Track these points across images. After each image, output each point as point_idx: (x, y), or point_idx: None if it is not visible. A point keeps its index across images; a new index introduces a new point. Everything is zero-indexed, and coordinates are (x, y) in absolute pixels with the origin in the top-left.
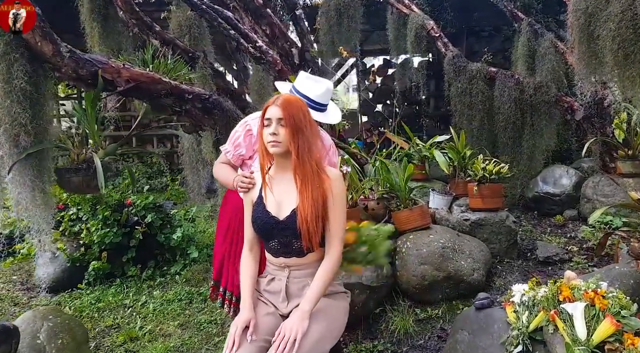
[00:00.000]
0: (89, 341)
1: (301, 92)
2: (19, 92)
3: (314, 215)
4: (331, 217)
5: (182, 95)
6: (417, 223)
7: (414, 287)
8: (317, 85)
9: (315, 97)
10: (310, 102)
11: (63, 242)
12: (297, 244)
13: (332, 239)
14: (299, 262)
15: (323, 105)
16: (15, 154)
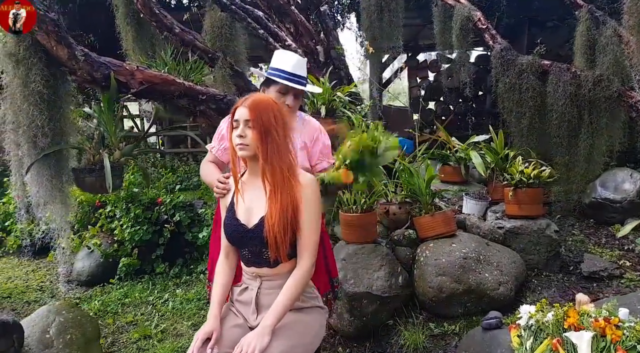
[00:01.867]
0: (106, 337)
1: (275, 66)
2: (36, 95)
3: (281, 224)
4: (302, 226)
5: (195, 96)
6: (439, 230)
7: (430, 299)
8: (287, 57)
9: (291, 68)
10: (287, 74)
11: (99, 238)
12: (267, 254)
13: (303, 250)
14: (270, 272)
15: (301, 76)
16: (34, 155)
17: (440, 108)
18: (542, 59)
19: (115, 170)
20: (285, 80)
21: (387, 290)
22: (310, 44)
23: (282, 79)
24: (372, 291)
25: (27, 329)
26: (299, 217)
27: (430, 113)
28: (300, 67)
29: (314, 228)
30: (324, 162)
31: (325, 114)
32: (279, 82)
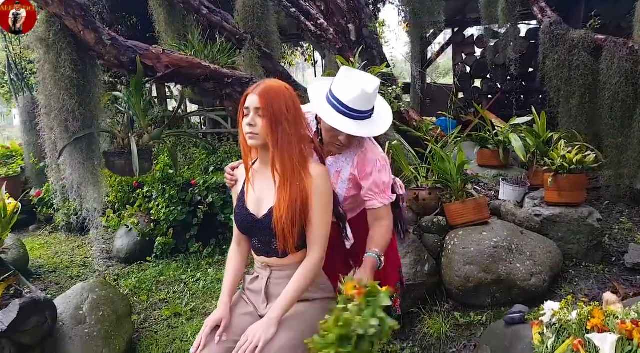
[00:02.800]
0: (139, 313)
1: (334, 94)
2: (66, 79)
3: (289, 216)
4: (312, 218)
5: (221, 79)
6: (470, 217)
7: (457, 288)
8: (351, 85)
9: (348, 101)
10: (343, 107)
11: (137, 218)
12: (276, 244)
13: (312, 242)
14: (280, 262)
15: (359, 112)
16: (66, 138)
17: (487, 86)
18: (595, 34)
19: (143, 153)
20: (341, 115)
21: (412, 278)
22: (342, 22)
23: (336, 111)
24: None
25: (62, 305)
26: (308, 209)
27: (477, 91)
28: (366, 101)
29: (324, 220)
30: (375, 201)
31: None
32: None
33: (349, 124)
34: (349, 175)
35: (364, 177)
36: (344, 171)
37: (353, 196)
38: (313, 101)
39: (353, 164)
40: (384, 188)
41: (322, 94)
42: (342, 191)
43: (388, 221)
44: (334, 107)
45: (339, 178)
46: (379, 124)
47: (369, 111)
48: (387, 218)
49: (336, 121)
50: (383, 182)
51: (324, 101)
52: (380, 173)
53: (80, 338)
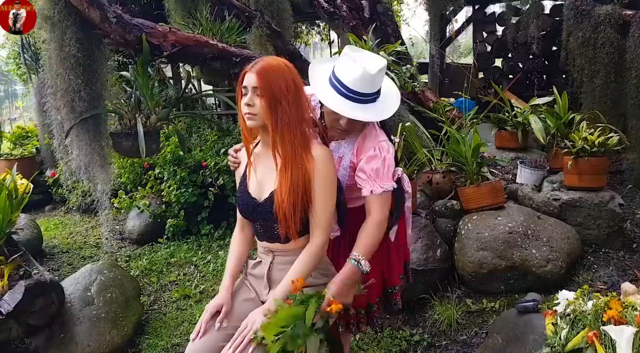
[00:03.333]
0: (149, 295)
1: (336, 74)
2: (71, 58)
3: (291, 200)
4: (314, 202)
5: (229, 58)
6: (484, 202)
7: (469, 274)
8: (353, 66)
9: (349, 82)
10: (344, 89)
11: (148, 199)
12: (279, 229)
13: (314, 227)
14: (282, 247)
15: (361, 95)
16: (72, 119)
17: (507, 65)
18: (623, 9)
19: (150, 134)
20: (342, 97)
21: (423, 263)
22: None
23: (338, 93)
24: None
25: (71, 286)
26: (311, 193)
27: (497, 70)
28: (369, 83)
29: (327, 204)
30: (364, 189)
31: None
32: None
33: (349, 107)
34: (349, 162)
35: (358, 163)
36: (345, 158)
37: (354, 185)
38: (312, 82)
39: (354, 151)
40: (374, 176)
41: (323, 75)
42: (344, 179)
43: (378, 216)
44: (335, 89)
45: (340, 164)
46: (384, 108)
47: (373, 94)
48: (378, 212)
49: (335, 104)
50: (372, 168)
51: (325, 82)
52: (372, 159)
53: (88, 320)
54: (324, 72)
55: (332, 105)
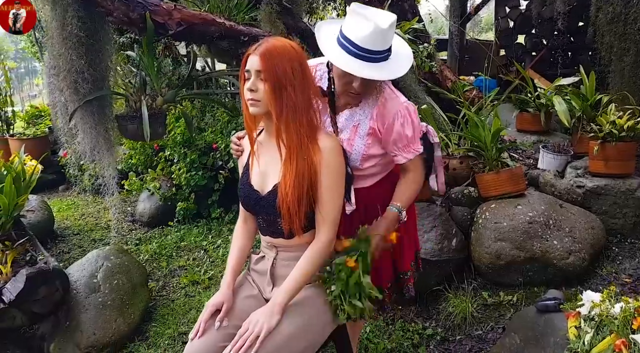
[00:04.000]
0: (158, 280)
1: (344, 33)
2: (74, 38)
3: (295, 194)
4: (321, 196)
5: (237, 38)
6: (504, 189)
7: (486, 265)
8: (362, 22)
9: (360, 40)
10: (354, 47)
11: (159, 181)
12: (282, 224)
13: (320, 223)
14: (286, 243)
15: (373, 53)
16: (76, 101)
17: (531, 42)
18: None
19: (156, 117)
20: (352, 56)
21: (438, 253)
22: None
23: (347, 53)
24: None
25: (77, 273)
26: (316, 186)
27: (520, 47)
28: (380, 39)
29: (335, 199)
30: (399, 157)
31: None
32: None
33: (361, 66)
34: (367, 129)
35: (385, 131)
36: (362, 125)
37: (374, 156)
38: (320, 44)
39: (372, 116)
40: (408, 142)
41: (331, 36)
42: (361, 148)
43: (415, 174)
44: (344, 49)
45: (356, 133)
46: (397, 66)
47: (385, 51)
48: (415, 170)
49: (347, 64)
50: (406, 136)
51: (333, 43)
52: (403, 126)
53: (94, 307)
54: (332, 33)
55: (343, 66)
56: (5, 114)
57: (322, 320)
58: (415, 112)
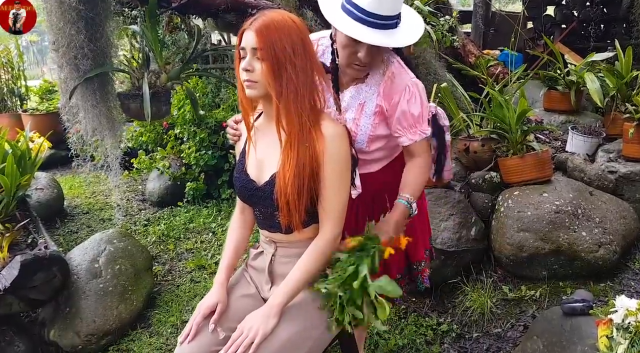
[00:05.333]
0: (165, 263)
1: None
2: (72, 11)
3: (295, 185)
4: (324, 189)
5: (244, 10)
6: (528, 175)
7: (507, 257)
8: None
9: (366, 4)
10: (360, 12)
11: (169, 160)
12: (280, 218)
13: (324, 217)
14: (285, 238)
15: (381, 18)
16: (76, 78)
17: (561, 14)
18: None
19: (159, 95)
20: (358, 22)
21: (455, 243)
22: None
23: (353, 19)
24: (435, 245)
25: (79, 257)
26: (319, 177)
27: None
28: (389, 3)
29: (340, 192)
30: (404, 138)
31: None
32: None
33: (368, 32)
34: (374, 107)
35: (390, 108)
36: (369, 103)
37: (381, 137)
38: (323, 9)
39: (379, 93)
40: (414, 122)
41: (335, 2)
42: (367, 128)
43: (422, 158)
44: (350, 14)
45: (362, 112)
46: (407, 34)
47: (394, 18)
48: (422, 155)
49: (352, 29)
50: (412, 115)
51: (337, 9)
52: (410, 103)
53: (94, 294)
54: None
55: (348, 31)
56: (19, 89)
57: (324, 324)
58: (423, 90)
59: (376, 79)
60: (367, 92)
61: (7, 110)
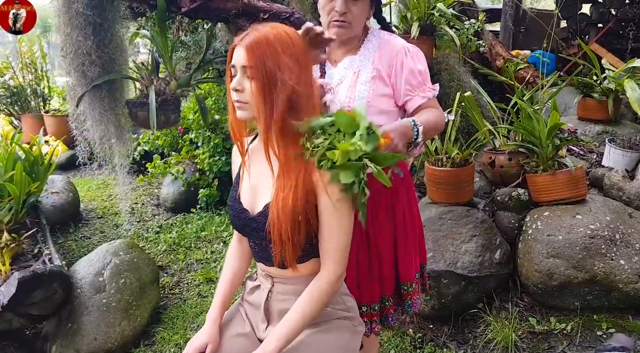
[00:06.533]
0: (174, 274)
1: None
2: (80, 17)
3: (289, 219)
4: (323, 229)
5: (256, 15)
6: (560, 194)
7: (535, 285)
8: None
9: None
10: None
11: (183, 165)
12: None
13: (325, 257)
14: (282, 273)
15: None
16: (84, 85)
17: (597, 12)
18: None
19: (167, 103)
20: None
21: (477, 268)
22: None
23: None
24: (455, 269)
25: (84, 269)
26: (317, 211)
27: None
28: None
29: (341, 227)
30: (417, 98)
31: (418, 32)
32: None
33: None
34: (371, 71)
35: (395, 71)
36: (364, 70)
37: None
38: None
39: (373, 59)
40: (423, 80)
41: None
42: (363, 95)
43: (439, 112)
44: None
45: (357, 81)
46: None
47: None
48: (437, 107)
49: None
50: (420, 71)
51: None
52: (414, 60)
53: (97, 309)
54: None
55: None
56: (42, 89)
57: None
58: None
59: (369, 48)
60: (360, 61)
61: (30, 110)
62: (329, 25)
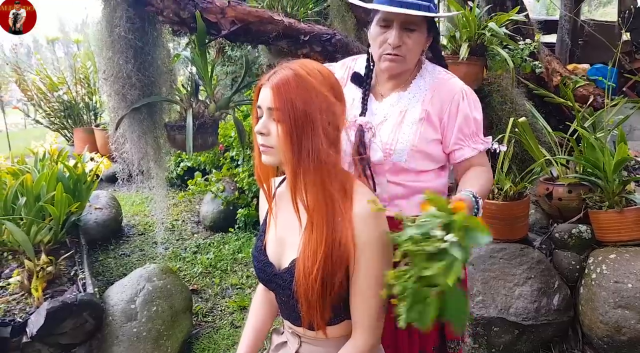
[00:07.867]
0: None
1: None
2: (122, 41)
3: (318, 279)
4: (356, 284)
5: (297, 37)
6: (629, 235)
7: (600, 338)
8: None
9: None
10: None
11: (223, 184)
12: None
13: (357, 324)
14: (310, 334)
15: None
16: (123, 108)
17: None
18: None
19: (205, 127)
20: (385, 4)
21: (533, 315)
22: None
23: (381, 3)
24: (507, 316)
25: (116, 296)
26: (350, 268)
27: None
28: None
29: (375, 291)
30: (467, 149)
31: (468, 53)
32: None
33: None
34: (420, 113)
35: (448, 116)
36: (412, 110)
37: (425, 152)
38: None
39: (425, 98)
40: (477, 129)
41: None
42: (409, 138)
43: (488, 169)
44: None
45: (403, 121)
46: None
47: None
48: (487, 165)
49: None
50: (475, 119)
51: None
52: (471, 107)
53: (127, 339)
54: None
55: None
56: (94, 104)
57: None
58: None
59: (420, 86)
60: (409, 100)
61: (82, 124)
62: (380, 58)
